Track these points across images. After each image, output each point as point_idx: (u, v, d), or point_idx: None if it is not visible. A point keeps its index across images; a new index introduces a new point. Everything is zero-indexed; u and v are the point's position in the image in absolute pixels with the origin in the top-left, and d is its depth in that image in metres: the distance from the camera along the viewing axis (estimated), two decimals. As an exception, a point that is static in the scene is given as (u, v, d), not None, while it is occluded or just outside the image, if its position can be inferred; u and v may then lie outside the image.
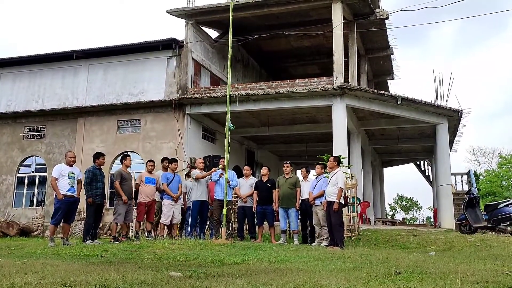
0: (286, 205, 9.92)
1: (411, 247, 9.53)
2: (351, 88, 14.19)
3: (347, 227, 10.62)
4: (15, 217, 16.24)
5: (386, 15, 15.77)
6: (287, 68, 22.27)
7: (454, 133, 18.12)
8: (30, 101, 17.67)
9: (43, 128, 17.41)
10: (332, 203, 8.48)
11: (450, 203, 15.16)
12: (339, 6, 14.79)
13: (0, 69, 18.42)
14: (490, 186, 37.15)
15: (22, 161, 17.49)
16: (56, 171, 8.79)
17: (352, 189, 11.14)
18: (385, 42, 18.74)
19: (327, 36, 17.34)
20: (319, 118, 17.18)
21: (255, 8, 15.73)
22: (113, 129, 16.43)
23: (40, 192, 17.16)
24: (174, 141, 15.47)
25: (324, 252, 7.36)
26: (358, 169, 16.69)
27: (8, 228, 14.43)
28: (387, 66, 21.28)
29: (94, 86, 16.86)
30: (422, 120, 15.64)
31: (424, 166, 27.32)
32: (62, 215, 8.70)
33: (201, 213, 10.21)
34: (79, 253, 7.18)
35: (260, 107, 15.23)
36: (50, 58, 17.61)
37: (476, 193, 12.03)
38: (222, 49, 18.00)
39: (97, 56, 16.97)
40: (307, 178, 10.28)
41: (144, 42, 16.11)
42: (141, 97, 16.05)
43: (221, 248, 7.48)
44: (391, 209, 57.50)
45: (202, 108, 15.70)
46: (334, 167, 8.85)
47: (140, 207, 9.71)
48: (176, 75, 15.84)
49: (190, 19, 16.17)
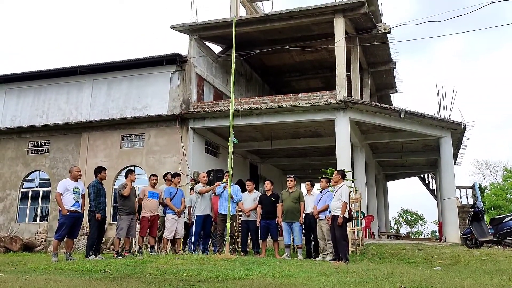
0: (290, 219, 9.87)
1: (417, 261, 9.44)
2: (354, 102, 14.22)
3: (352, 241, 10.54)
4: (18, 232, 16.22)
5: (388, 29, 15.87)
6: (290, 82, 22.36)
7: (458, 146, 18.07)
8: (35, 116, 17.79)
9: (47, 143, 17.48)
10: (337, 217, 8.44)
11: (455, 217, 15.03)
12: (341, 20, 14.90)
13: (5, 84, 18.58)
14: (495, 200, 36.86)
15: (26, 176, 17.53)
16: (61, 186, 8.79)
17: (356, 203, 11.08)
18: (387, 56, 18.83)
19: (329, 50, 17.45)
20: (322, 131, 17.19)
21: (258, 23, 15.89)
22: (116, 144, 16.48)
23: (43, 207, 17.15)
24: (177, 155, 15.49)
25: (328, 266, 7.30)
26: (362, 183, 16.63)
27: (11, 243, 14.40)
28: (389, 80, 21.34)
29: (98, 101, 16.96)
30: (426, 133, 15.62)
31: (428, 179, 27.18)
32: (67, 231, 8.68)
33: (204, 228, 10.18)
34: (82, 268, 7.15)
35: (263, 121, 15.27)
36: (55, 74, 17.74)
37: (481, 206, 11.96)
38: (225, 63, 18.13)
39: (101, 71, 17.10)
40: (311, 192, 10.25)
41: (148, 57, 16.23)
42: (145, 112, 16.13)
43: (224, 263, 7.43)
44: (396, 223, 57.05)
45: (206, 122, 15.75)
46: (339, 181, 8.82)
47: (143, 222, 9.68)
48: (180, 90, 15.93)
49: (194, 34, 16.32)
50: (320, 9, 14.96)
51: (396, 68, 20.01)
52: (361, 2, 14.75)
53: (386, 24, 15.99)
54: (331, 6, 14.92)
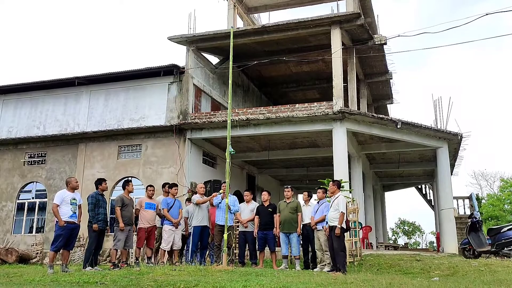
0: (287, 230, 9.85)
1: (415, 272, 9.42)
2: (351, 113, 14.29)
3: (349, 252, 10.51)
4: (14, 244, 16.10)
5: (384, 41, 16.00)
6: (287, 93, 22.45)
7: (455, 157, 18.13)
8: (32, 127, 17.75)
9: (44, 154, 17.43)
10: (334, 227, 8.42)
11: (452, 227, 15.03)
12: (337, 32, 15.03)
13: (2, 95, 18.57)
14: (493, 210, 36.84)
15: (23, 187, 17.44)
16: (58, 197, 8.72)
17: (353, 214, 11.07)
18: (383, 67, 18.96)
19: (326, 61, 17.57)
20: (319, 142, 17.23)
21: (255, 35, 15.99)
22: (114, 155, 16.45)
23: (39, 218, 17.04)
24: (174, 166, 15.47)
25: (326, 277, 7.28)
26: (359, 194, 16.63)
27: (7, 255, 14.29)
28: (386, 91, 21.46)
29: (95, 112, 16.96)
30: (422, 143, 15.69)
31: (426, 190, 27.21)
32: (63, 242, 8.61)
33: (201, 239, 10.14)
34: (78, 280, 7.09)
35: (260, 131, 15.30)
36: (52, 85, 17.73)
37: (478, 217, 11.97)
38: (222, 74, 18.20)
39: (99, 82, 17.12)
40: (308, 202, 10.24)
41: (145, 68, 16.28)
42: (142, 123, 16.14)
43: (222, 274, 7.40)
44: (393, 233, 56.92)
45: (203, 133, 15.76)
46: (335, 191, 8.83)
47: (140, 233, 9.64)
48: (177, 101, 15.96)
49: (191, 45, 16.40)
50: (317, 21, 15.09)
51: (392, 79, 20.15)
52: (358, 14, 14.89)
53: (382, 36, 16.14)
54: (328, 18, 15.04)
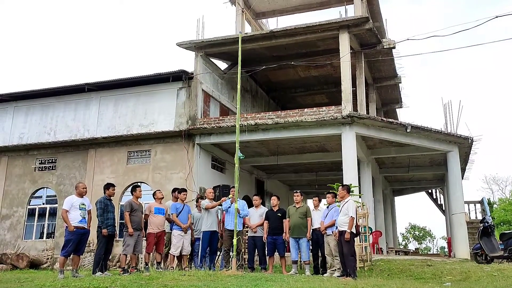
0: (297, 235, 9.79)
1: (426, 277, 9.31)
2: (360, 117, 14.22)
3: (359, 257, 10.43)
4: (25, 249, 16.20)
5: (393, 45, 15.95)
6: (295, 98, 22.45)
7: (466, 161, 17.95)
8: (42, 134, 17.91)
9: (55, 159, 17.58)
10: (344, 232, 8.37)
11: (464, 232, 14.85)
12: (346, 36, 15.01)
13: (13, 102, 18.78)
14: (505, 215, 36.39)
15: (34, 193, 17.58)
16: (67, 203, 8.79)
17: (363, 218, 10.99)
18: (392, 71, 18.89)
19: (334, 66, 17.54)
20: (328, 147, 17.17)
21: (263, 40, 16.03)
22: (123, 160, 16.54)
23: (50, 224, 17.17)
24: (183, 171, 15.50)
25: (336, 283, 7.22)
26: (369, 198, 16.52)
27: (18, 261, 14.38)
28: (395, 95, 21.36)
29: (105, 118, 17.08)
30: (433, 148, 15.54)
31: (436, 194, 26.96)
32: (73, 247, 8.66)
33: (211, 244, 10.12)
34: (88, 285, 7.10)
35: (269, 136, 15.28)
36: (62, 91, 17.90)
37: (490, 221, 11.82)
38: (231, 80, 18.25)
39: (109, 88, 17.24)
40: (318, 207, 10.19)
41: (155, 74, 16.37)
42: (151, 128, 16.21)
43: (231, 279, 7.37)
44: (404, 238, 56.50)
45: (212, 138, 15.78)
46: (344, 196, 8.78)
47: (149, 238, 9.65)
48: (186, 106, 16.02)
49: (200, 51, 16.47)
50: (325, 25, 15.08)
51: (401, 83, 20.05)
52: (366, 18, 14.87)
53: (391, 40, 16.08)
54: (336, 22, 15.04)
